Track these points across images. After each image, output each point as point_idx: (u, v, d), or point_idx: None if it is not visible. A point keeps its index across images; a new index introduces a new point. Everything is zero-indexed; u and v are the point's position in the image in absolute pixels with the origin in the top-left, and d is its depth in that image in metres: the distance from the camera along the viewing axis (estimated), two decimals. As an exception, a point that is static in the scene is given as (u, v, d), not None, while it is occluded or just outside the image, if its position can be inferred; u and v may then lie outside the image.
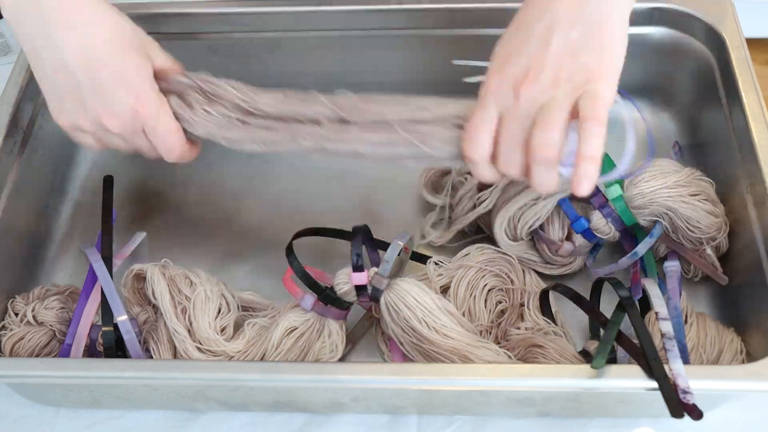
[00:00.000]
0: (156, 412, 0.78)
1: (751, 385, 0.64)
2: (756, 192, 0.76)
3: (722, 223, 0.78)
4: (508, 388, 0.68)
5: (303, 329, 0.74)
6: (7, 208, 0.81)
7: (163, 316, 0.76)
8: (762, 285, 0.73)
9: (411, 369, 0.68)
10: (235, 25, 0.92)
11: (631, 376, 0.64)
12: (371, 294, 0.73)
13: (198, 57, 0.94)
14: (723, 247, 0.79)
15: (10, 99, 0.84)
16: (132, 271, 0.79)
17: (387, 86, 0.97)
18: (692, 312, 0.75)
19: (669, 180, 0.77)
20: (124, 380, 0.68)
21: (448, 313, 0.72)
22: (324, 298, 0.73)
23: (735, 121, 0.81)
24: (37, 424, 0.78)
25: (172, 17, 0.92)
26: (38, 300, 0.78)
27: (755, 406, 0.75)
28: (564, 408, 0.74)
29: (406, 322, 0.71)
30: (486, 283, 0.79)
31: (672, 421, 0.63)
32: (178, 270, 0.78)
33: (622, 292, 0.69)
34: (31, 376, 0.69)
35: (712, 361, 0.72)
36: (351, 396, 0.73)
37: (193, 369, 0.68)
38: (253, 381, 0.67)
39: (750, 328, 0.75)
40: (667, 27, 0.90)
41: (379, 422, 0.76)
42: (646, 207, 0.77)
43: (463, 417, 0.76)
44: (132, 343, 0.75)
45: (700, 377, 0.64)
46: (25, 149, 0.86)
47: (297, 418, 0.77)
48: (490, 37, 0.83)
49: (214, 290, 0.77)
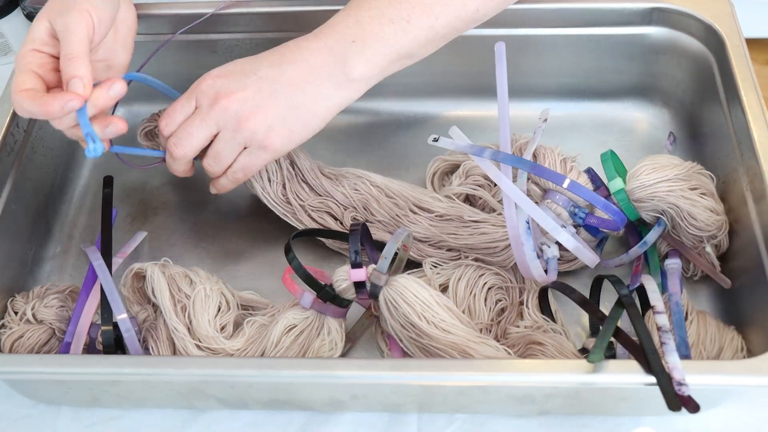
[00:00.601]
0: (156, 411, 0.78)
1: (751, 380, 0.64)
2: (756, 191, 0.76)
3: (723, 221, 0.78)
4: (507, 383, 0.68)
5: (302, 327, 0.74)
6: (6, 208, 0.82)
7: (163, 314, 0.76)
8: (763, 283, 0.73)
9: (410, 364, 0.68)
10: (236, 25, 0.93)
11: (628, 371, 0.64)
12: (370, 290, 0.72)
13: (198, 57, 0.94)
14: (723, 245, 0.79)
15: (10, 99, 0.84)
16: (132, 270, 0.79)
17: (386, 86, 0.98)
18: (692, 309, 0.75)
19: (670, 173, 0.77)
20: (122, 376, 0.68)
21: (447, 309, 0.72)
22: (323, 296, 0.73)
23: (735, 121, 0.81)
24: (38, 424, 0.78)
25: (173, 17, 0.93)
26: (38, 299, 0.78)
27: (756, 405, 0.75)
28: (564, 406, 0.74)
29: (405, 317, 0.71)
30: (486, 281, 0.78)
31: (673, 420, 0.63)
32: (178, 269, 0.79)
33: (621, 290, 0.68)
34: (29, 372, 0.69)
35: (713, 358, 0.72)
36: (350, 393, 0.73)
37: (190, 365, 0.68)
38: (249, 376, 0.67)
39: (751, 326, 0.75)
40: (666, 27, 0.90)
41: (379, 421, 0.76)
42: (647, 201, 0.77)
43: (464, 416, 0.76)
44: (131, 341, 0.75)
45: (700, 372, 0.64)
46: (25, 149, 0.86)
47: (297, 418, 0.77)
48: (490, 38, 0.84)
49: (213, 288, 0.77)
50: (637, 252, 0.79)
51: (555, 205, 0.78)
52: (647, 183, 0.76)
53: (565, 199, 0.78)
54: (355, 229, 0.73)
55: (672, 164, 0.78)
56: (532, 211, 0.74)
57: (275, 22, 0.92)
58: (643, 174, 0.77)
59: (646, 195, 0.76)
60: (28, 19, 1.02)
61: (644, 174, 0.77)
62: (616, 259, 0.80)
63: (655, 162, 0.78)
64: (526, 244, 0.75)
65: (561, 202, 0.78)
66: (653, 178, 0.76)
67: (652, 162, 0.78)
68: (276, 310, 0.78)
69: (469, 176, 0.86)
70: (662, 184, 0.76)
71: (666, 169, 0.77)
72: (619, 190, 0.77)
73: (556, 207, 0.78)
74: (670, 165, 0.78)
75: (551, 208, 0.78)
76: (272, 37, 0.93)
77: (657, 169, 0.77)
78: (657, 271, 0.79)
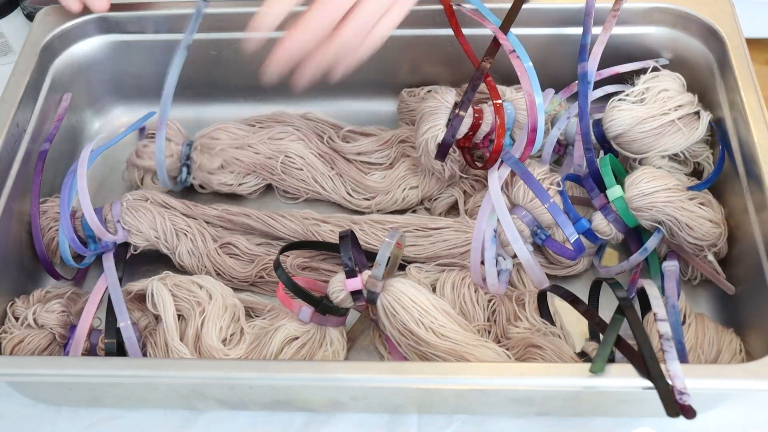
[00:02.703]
0: (157, 411, 0.78)
1: (749, 384, 0.64)
2: (756, 193, 0.76)
3: (722, 231, 0.77)
4: (506, 387, 0.68)
5: (304, 340, 0.74)
6: (6, 209, 0.81)
7: (165, 333, 0.76)
8: (762, 287, 0.73)
9: (410, 368, 0.68)
10: (236, 26, 0.92)
11: (629, 376, 0.64)
12: (367, 297, 0.72)
13: (199, 57, 0.94)
14: (723, 251, 0.79)
15: (10, 99, 0.85)
16: (130, 294, 0.79)
17: (386, 86, 0.98)
18: (691, 312, 0.75)
19: (669, 182, 0.77)
20: (123, 379, 0.68)
21: (444, 313, 0.72)
22: (321, 309, 0.73)
23: (735, 122, 0.81)
24: (39, 424, 0.78)
25: (172, 18, 0.92)
26: (39, 303, 0.78)
27: (755, 407, 0.75)
28: (564, 407, 0.74)
29: (403, 325, 0.71)
30: (470, 281, 0.78)
31: (673, 420, 0.63)
32: (182, 277, 0.79)
33: (620, 294, 0.68)
34: (31, 374, 0.69)
35: (711, 362, 0.72)
36: (350, 395, 0.73)
37: (191, 368, 0.68)
38: (250, 380, 0.67)
39: (750, 329, 0.75)
40: (667, 27, 0.89)
41: (379, 422, 0.76)
42: (645, 210, 0.76)
43: (463, 416, 0.76)
44: (133, 349, 0.75)
45: (698, 376, 0.64)
46: (25, 149, 0.86)
47: (297, 418, 0.77)
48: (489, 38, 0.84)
49: (227, 297, 0.77)
50: (637, 259, 0.79)
51: (519, 221, 0.79)
52: (646, 191, 0.76)
53: (530, 218, 0.79)
54: (344, 236, 0.73)
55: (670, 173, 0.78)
56: (506, 221, 0.76)
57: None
58: (642, 182, 0.76)
59: (645, 204, 0.76)
60: (28, 19, 1.02)
61: (643, 182, 0.76)
62: (617, 266, 0.80)
63: (654, 171, 0.78)
64: (488, 250, 0.76)
65: (526, 219, 0.79)
66: (652, 186, 0.76)
67: (652, 170, 0.78)
68: (275, 315, 0.78)
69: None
70: (661, 194, 0.76)
71: (665, 178, 0.77)
72: (618, 198, 0.77)
73: (520, 223, 0.79)
74: (668, 174, 0.78)
75: (515, 223, 0.78)
76: (272, 37, 0.93)
77: (657, 177, 0.77)
78: (657, 274, 0.79)
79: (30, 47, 0.89)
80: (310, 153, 0.89)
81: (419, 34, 0.92)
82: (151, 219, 0.82)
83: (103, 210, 0.83)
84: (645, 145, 0.81)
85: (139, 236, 0.83)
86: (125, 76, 0.97)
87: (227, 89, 0.99)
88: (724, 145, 0.82)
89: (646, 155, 0.82)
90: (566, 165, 0.87)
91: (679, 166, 0.84)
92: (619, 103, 0.82)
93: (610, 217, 0.78)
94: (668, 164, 0.83)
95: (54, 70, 0.91)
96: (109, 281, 0.78)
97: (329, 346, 0.75)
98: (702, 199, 0.77)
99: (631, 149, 0.82)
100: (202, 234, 0.83)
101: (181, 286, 0.77)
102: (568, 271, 0.82)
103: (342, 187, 0.89)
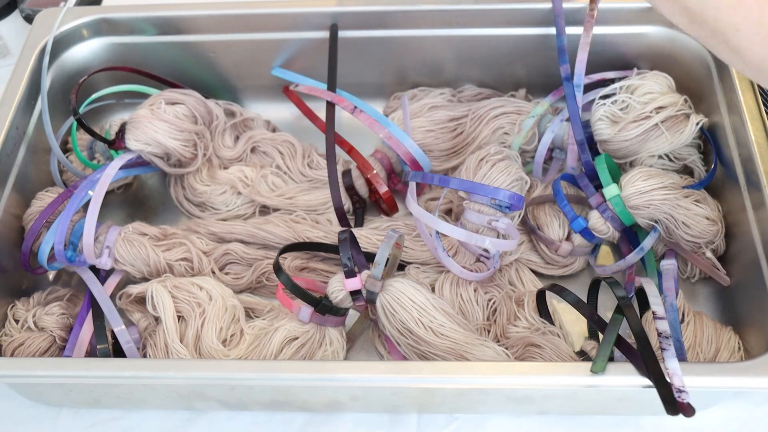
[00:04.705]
0: (157, 412, 0.78)
1: (747, 382, 0.64)
2: (753, 191, 0.76)
3: (719, 229, 0.78)
4: (505, 386, 0.68)
5: (303, 340, 0.74)
6: (7, 210, 0.82)
7: (165, 334, 0.76)
8: (760, 284, 0.73)
9: (409, 367, 0.68)
10: (235, 26, 0.93)
11: (628, 374, 0.65)
12: (366, 297, 0.73)
13: (199, 57, 0.95)
14: (720, 248, 0.80)
15: (10, 100, 0.85)
16: (130, 296, 0.79)
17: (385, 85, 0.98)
18: (689, 310, 0.75)
19: (665, 180, 0.77)
20: (123, 380, 0.68)
21: (444, 312, 0.73)
22: (321, 310, 0.73)
23: (732, 121, 0.81)
24: (40, 425, 0.78)
25: (173, 19, 0.93)
26: (39, 305, 0.78)
27: (754, 404, 0.75)
28: (563, 406, 0.75)
29: (403, 324, 0.71)
30: (470, 281, 0.79)
31: (671, 419, 0.63)
32: (182, 279, 0.79)
33: (619, 293, 0.69)
34: (32, 376, 0.69)
35: (710, 359, 0.72)
36: (350, 395, 0.73)
37: (190, 368, 0.69)
38: (250, 380, 0.68)
39: (748, 326, 0.75)
40: (665, 27, 0.90)
41: (379, 421, 0.76)
42: (642, 208, 0.77)
43: (463, 415, 0.76)
44: (131, 352, 0.75)
45: (697, 374, 0.64)
46: (25, 151, 0.86)
47: (297, 418, 0.77)
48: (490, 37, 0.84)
49: (227, 298, 0.77)
50: (634, 258, 0.79)
51: (478, 205, 0.78)
52: (643, 189, 0.76)
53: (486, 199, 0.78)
54: (343, 237, 0.73)
55: (667, 172, 0.78)
56: (444, 229, 0.77)
57: (274, 22, 0.92)
58: (639, 180, 0.77)
59: (642, 202, 0.76)
60: (26, 22, 1.02)
61: (640, 180, 0.77)
62: (613, 265, 0.81)
63: (650, 169, 0.78)
64: (438, 247, 0.78)
65: (481, 199, 0.78)
66: (649, 184, 0.76)
67: (647, 169, 0.78)
68: (275, 315, 0.78)
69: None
70: (657, 192, 0.76)
71: (661, 176, 0.77)
72: (615, 196, 0.77)
73: (480, 207, 0.78)
74: (665, 172, 0.78)
75: (474, 209, 0.78)
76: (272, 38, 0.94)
77: (653, 175, 0.77)
78: (654, 272, 0.79)
79: (29, 50, 0.89)
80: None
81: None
82: (145, 256, 0.81)
83: (98, 229, 0.82)
84: (631, 151, 0.82)
85: (131, 268, 0.82)
86: (124, 78, 0.97)
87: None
88: (717, 152, 0.82)
89: (635, 158, 0.83)
90: (552, 169, 0.88)
91: (670, 164, 0.85)
92: (600, 108, 0.83)
93: (607, 215, 0.78)
94: (659, 162, 0.83)
95: (53, 73, 0.91)
96: (94, 290, 0.78)
97: (329, 346, 0.75)
98: (698, 196, 0.77)
99: (617, 156, 0.83)
100: (199, 258, 0.83)
101: (181, 288, 0.77)
102: (564, 271, 0.83)
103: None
